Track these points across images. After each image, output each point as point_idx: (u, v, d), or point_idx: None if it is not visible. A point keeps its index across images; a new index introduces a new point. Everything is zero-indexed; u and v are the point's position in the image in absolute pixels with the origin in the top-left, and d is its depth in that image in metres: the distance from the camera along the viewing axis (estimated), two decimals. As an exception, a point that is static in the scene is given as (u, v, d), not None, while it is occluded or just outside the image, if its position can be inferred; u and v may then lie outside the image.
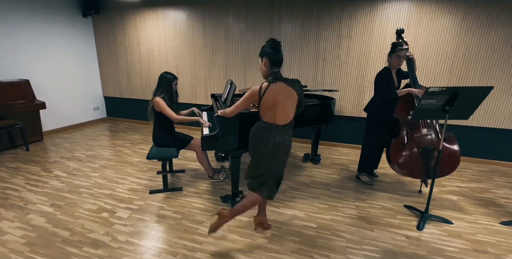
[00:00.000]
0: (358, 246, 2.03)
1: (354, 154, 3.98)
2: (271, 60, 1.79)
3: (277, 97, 1.77)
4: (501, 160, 3.67)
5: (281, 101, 1.78)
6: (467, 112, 2.16)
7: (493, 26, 3.28)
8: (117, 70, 5.29)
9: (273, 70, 1.81)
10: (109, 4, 4.90)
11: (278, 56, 1.80)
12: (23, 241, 2.01)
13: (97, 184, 2.92)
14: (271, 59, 1.79)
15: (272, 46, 1.80)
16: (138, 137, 4.61)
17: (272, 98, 1.77)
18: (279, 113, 1.80)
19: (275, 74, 1.81)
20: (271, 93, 1.77)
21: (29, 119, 4.04)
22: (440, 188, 2.97)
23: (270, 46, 1.80)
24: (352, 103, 4.04)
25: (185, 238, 2.07)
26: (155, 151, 2.66)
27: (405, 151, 2.59)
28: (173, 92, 2.68)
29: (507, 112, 3.48)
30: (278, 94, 1.77)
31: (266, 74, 1.84)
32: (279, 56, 1.81)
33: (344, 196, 2.75)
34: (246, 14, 4.16)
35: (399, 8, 3.53)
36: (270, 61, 1.79)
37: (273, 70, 1.81)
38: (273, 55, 1.79)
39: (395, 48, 2.57)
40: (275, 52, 1.79)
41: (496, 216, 2.46)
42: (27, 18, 4.11)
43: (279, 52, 1.81)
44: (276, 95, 1.77)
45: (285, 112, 1.82)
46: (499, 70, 3.38)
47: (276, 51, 1.79)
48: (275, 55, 1.79)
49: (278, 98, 1.77)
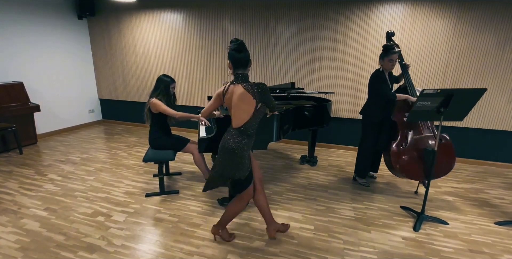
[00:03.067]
0: (355, 247, 2.03)
1: (350, 155, 4.00)
2: (232, 61, 1.76)
3: (233, 99, 1.76)
4: (495, 161, 3.72)
5: (235, 104, 1.75)
6: (461, 114, 2.19)
7: (486, 29, 3.34)
8: (112, 72, 5.26)
9: (236, 72, 1.78)
10: (104, 6, 4.88)
11: (237, 56, 1.73)
12: (16, 246, 1.97)
13: (93, 187, 2.89)
14: (232, 60, 1.76)
15: (233, 47, 1.74)
16: (134, 139, 4.58)
17: (230, 99, 1.78)
18: (232, 115, 1.80)
19: (237, 75, 1.77)
20: (229, 94, 1.77)
21: (22, 122, 3.99)
22: (435, 189, 3.00)
23: (232, 47, 1.75)
24: (348, 105, 4.07)
25: (182, 242, 2.05)
26: (151, 154, 2.65)
27: (405, 154, 2.59)
28: (171, 95, 2.67)
29: (500, 113, 3.54)
30: (233, 95, 1.75)
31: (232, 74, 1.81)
32: (239, 57, 1.73)
33: (341, 198, 2.76)
34: (243, 17, 4.18)
35: (394, 11, 3.57)
36: (232, 62, 1.76)
37: (236, 71, 1.77)
38: (233, 57, 1.74)
39: (388, 51, 2.56)
40: (236, 54, 1.74)
41: (491, 216, 2.49)
42: (21, 19, 4.07)
43: (239, 52, 1.74)
44: (231, 97, 1.76)
45: (238, 115, 1.77)
46: (492, 72, 3.44)
47: (236, 52, 1.73)
48: (234, 56, 1.74)
49: (233, 100, 1.76)
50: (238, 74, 1.77)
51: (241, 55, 1.74)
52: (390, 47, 2.57)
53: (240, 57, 1.74)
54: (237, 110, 1.76)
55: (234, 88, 1.76)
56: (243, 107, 1.75)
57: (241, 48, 1.74)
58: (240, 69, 1.77)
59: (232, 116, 1.82)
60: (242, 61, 1.75)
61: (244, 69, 1.78)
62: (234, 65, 1.77)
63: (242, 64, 1.76)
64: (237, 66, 1.76)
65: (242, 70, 1.77)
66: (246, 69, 1.79)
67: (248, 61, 1.77)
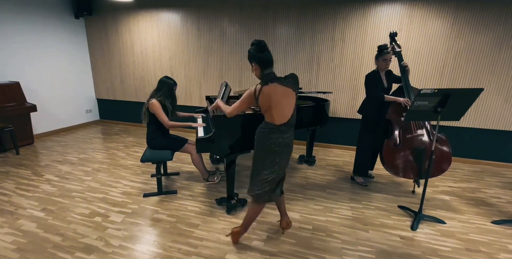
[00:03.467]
0: (353, 247, 2.04)
1: (348, 155, 4.01)
2: (259, 63, 1.77)
3: (272, 98, 1.76)
4: (491, 160, 3.75)
5: (277, 102, 1.77)
6: (458, 114, 2.20)
7: (482, 29, 3.36)
8: (110, 72, 5.24)
9: (265, 72, 1.78)
10: (101, 5, 4.85)
11: (264, 56, 1.76)
12: (13, 247, 1.96)
13: (90, 187, 2.87)
14: (258, 62, 1.77)
15: (257, 49, 1.76)
16: (132, 139, 4.57)
17: (267, 99, 1.76)
18: (275, 113, 1.79)
19: (267, 75, 1.78)
20: (264, 96, 1.75)
21: (19, 122, 3.96)
22: (432, 188, 3.01)
23: (255, 49, 1.76)
24: (346, 105, 4.08)
25: (180, 242, 2.05)
26: (149, 154, 2.64)
27: (397, 152, 2.63)
28: (175, 97, 2.70)
29: (496, 113, 3.56)
30: (273, 95, 1.75)
31: (260, 76, 1.83)
32: (265, 56, 1.76)
33: (339, 198, 2.76)
34: (241, 17, 4.17)
35: (391, 11, 3.59)
36: (258, 64, 1.77)
37: (265, 72, 1.78)
38: (259, 58, 1.76)
39: (381, 51, 2.64)
40: (260, 54, 1.75)
41: (487, 215, 2.50)
42: (17, 19, 4.04)
43: (264, 52, 1.76)
44: (270, 97, 1.75)
45: (283, 111, 1.80)
46: (489, 72, 3.46)
47: (261, 53, 1.76)
48: (260, 57, 1.76)
49: (272, 99, 1.76)
50: (269, 74, 1.78)
51: (264, 54, 1.76)
52: (383, 47, 2.64)
53: (266, 57, 1.76)
54: (282, 107, 1.79)
55: (270, 88, 1.74)
56: (287, 103, 1.80)
57: (264, 48, 1.76)
58: (268, 68, 1.78)
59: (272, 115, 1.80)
60: (269, 60, 1.77)
61: (271, 68, 1.80)
62: (262, 65, 1.77)
63: (269, 62, 1.78)
64: (264, 65, 1.77)
65: (269, 69, 1.79)
66: (273, 67, 1.80)
67: (272, 59, 1.80)
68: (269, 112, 1.80)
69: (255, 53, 1.76)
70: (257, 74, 1.83)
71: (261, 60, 1.76)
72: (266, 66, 1.78)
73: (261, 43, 1.77)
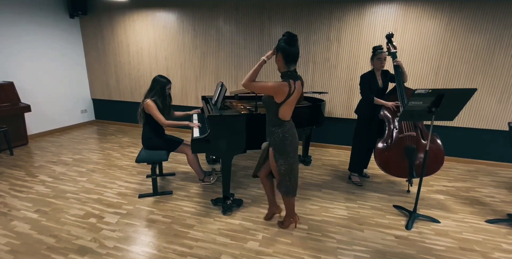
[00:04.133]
0: (349, 246, 2.04)
1: (344, 155, 4.02)
2: (284, 55, 1.76)
3: (297, 95, 1.84)
4: (485, 159, 3.78)
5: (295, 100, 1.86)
6: (452, 113, 2.22)
7: (476, 30, 3.39)
8: (105, 72, 5.20)
9: (291, 68, 1.80)
10: (97, 5, 4.82)
11: (291, 50, 1.74)
12: (6, 249, 1.94)
13: (85, 188, 2.85)
14: (284, 54, 1.76)
15: (287, 41, 1.73)
16: (127, 140, 4.54)
17: (295, 96, 1.83)
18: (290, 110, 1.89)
19: (294, 72, 1.82)
20: (297, 92, 1.83)
21: (13, 122, 3.92)
22: (427, 187, 3.03)
23: (285, 40, 1.74)
24: (341, 105, 4.09)
25: (175, 243, 2.04)
26: (144, 154, 2.62)
27: (390, 151, 2.66)
28: (166, 96, 2.65)
29: (489, 113, 3.59)
30: (298, 93, 1.84)
31: (282, 69, 1.84)
32: (293, 51, 1.74)
33: (334, 197, 2.77)
34: (237, 17, 4.17)
35: (387, 12, 3.60)
36: (283, 56, 1.76)
37: (290, 68, 1.80)
38: (287, 50, 1.75)
39: (375, 51, 2.69)
40: (289, 47, 1.73)
41: (481, 214, 2.53)
42: (11, 18, 4.00)
43: (293, 46, 1.74)
44: (296, 94, 1.83)
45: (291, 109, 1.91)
46: (482, 72, 3.49)
47: (290, 45, 1.73)
48: (288, 50, 1.75)
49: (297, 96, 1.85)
50: (294, 71, 1.82)
51: (292, 49, 1.73)
52: (377, 47, 2.69)
53: (293, 51, 1.74)
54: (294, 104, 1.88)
55: (298, 85, 1.82)
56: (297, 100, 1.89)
57: (295, 42, 1.72)
58: (293, 65, 1.79)
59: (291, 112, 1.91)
60: (295, 55, 1.75)
61: (295, 64, 1.80)
62: (286, 59, 1.75)
63: (294, 57, 1.76)
64: (289, 60, 1.76)
65: (294, 65, 1.79)
66: (296, 64, 1.81)
67: (298, 56, 1.78)
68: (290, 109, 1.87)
69: (284, 45, 1.73)
70: (280, 66, 1.82)
71: (287, 53, 1.75)
72: (290, 61, 1.78)
73: (293, 37, 1.74)
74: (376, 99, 2.71)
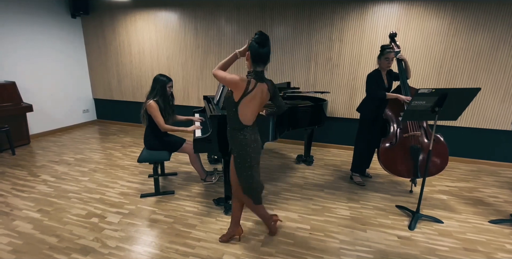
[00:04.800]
0: (351, 247, 2.03)
1: (346, 155, 4.01)
2: (252, 54, 1.67)
3: (258, 98, 1.73)
4: (488, 159, 3.76)
5: (256, 102, 1.74)
6: (455, 113, 2.20)
7: (479, 29, 3.37)
8: (107, 72, 5.21)
9: (257, 69, 1.70)
10: (98, 5, 4.82)
11: (259, 51, 1.65)
12: (9, 249, 1.94)
13: (87, 188, 2.85)
14: (252, 53, 1.67)
15: (257, 40, 1.66)
16: (129, 139, 4.54)
17: (255, 98, 1.71)
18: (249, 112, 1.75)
19: (260, 73, 1.71)
20: (256, 93, 1.70)
21: (15, 122, 3.92)
22: (430, 187, 3.02)
23: (255, 39, 1.67)
24: (344, 104, 4.08)
25: (177, 243, 2.03)
26: (146, 154, 2.62)
27: (394, 151, 2.65)
28: (168, 95, 2.62)
29: (493, 112, 3.57)
30: (261, 95, 1.73)
31: (249, 68, 1.76)
32: (261, 51, 1.65)
33: (337, 197, 2.76)
34: (239, 16, 4.16)
35: (389, 11, 3.59)
36: (251, 55, 1.68)
37: (257, 68, 1.70)
38: (255, 50, 1.66)
39: (383, 50, 2.65)
40: (257, 47, 1.65)
41: (485, 215, 2.51)
42: (13, 18, 4.01)
43: (262, 47, 1.65)
44: (258, 96, 1.72)
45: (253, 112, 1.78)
46: (485, 72, 3.47)
47: (259, 46, 1.65)
48: (256, 50, 1.65)
49: (256, 98, 1.72)
50: (262, 72, 1.72)
51: (265, 49, 1.66)
52: (386, 46, 2.65)
53: (263, 52, 1.66)
54: (255, 108, 1.75)
55: (262, 86, 1.72)
56: (259, 105, 1.77)
57: (266, 42, 1.66)
58: (261, 66, 1.70)
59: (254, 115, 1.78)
60: (264, 57, 1.67)
61: (263, 66, 1.71)
62: (255, 60, 1.68)
63: (263, 60, 1.68)
64: (257, 61, 1.68)
65: (262, 67, 1.71)
66: (265, 66, 1.72)
67: (269, 59, 1.70)
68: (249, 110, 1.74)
69: (254, 44, 1.66)
70: (248, 64, 1.74)
71: (255, 53, 1.66)
72: (257, 61, 1.68)
73: (263, 36, 1.66)
74: (388, 93, 2.64)
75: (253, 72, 1.72)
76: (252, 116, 1.78)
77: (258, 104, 1.76)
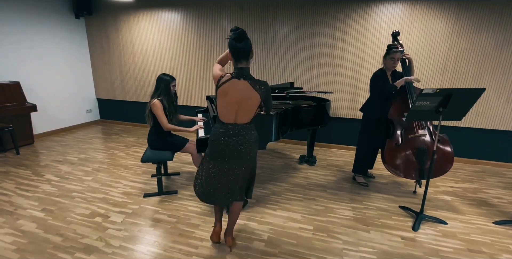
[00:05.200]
0: (355, 247, 2.03)
1: (349, 155, 4.00)
2: (232, 52, 1.63)
3: (234, 95, 1.65)
4: (492, 160, 3.73)
5: (239, 101, 1.66)
6: (460, 114, 2.19)
7: (484, 29, 3.34)
8: (110, 72, 5.23)
9: (238, 65, 1.65)
10: (102, 5, 4.85)
11: (238, 46, 1.59)
12: (13, 248, 1.95)
13: (90, 188, 2.87)
14: (231, 51, 1.63)
15: (233, 36, 1.60)
16: (132, 139, 4.56)
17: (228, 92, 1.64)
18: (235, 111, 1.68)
19: (240, 70, 1.64)
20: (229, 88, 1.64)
21: (19, 122, 3.95)
22: (434, 188, 3.00)
23: (232, 36, 1.61)
24: (347, 105, 4.07)
25: (180, 242, 2.04)
26: (149, 154, 2.63)
27: (399, 152, 2.62)
28: (172, 94, 2.62)
29: (498, 113, 3.55)
30: (236, 91, 1.64)
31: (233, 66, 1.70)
32: (239, 46, 1.59)
33: (340, 198, 2.76)
34: (241, 16, 4.16)
35: (393, 11, 3.57)
36: (232, 53, 1.63)
37: (238, 65, 1.64)
38: (232, 46, 1.60)
39: (390, 50, 2.61)
40: (234, 42, 1.59)
41: (489, 216, 2.49)
42: (18, 19, 4.03)
43: (239, 41, 1.59)
44: (232, 92, 1.64)
45: (242, 113, 1.69)
46: (490, 72, 3.45)
47: (236, 41, 1.59)
48: (234, 46, 1.60)
49: (235, 96, 1.65)
50: (242, 69, 1.64)
51: (241, 44, 1.59)
52: (392, 46, 2.60)
53: (241, 47, 1.59)
54: (243, 107, 1.67)
55: (238, 83, 1.63)
56: (249, 105, 1.67)
57: (242, 37, 1.59)
58: (243, 62, 1.64)
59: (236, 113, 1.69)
60: (243, 52, 1.60)
61: (246, 61, 1.65)
62: (235, 57, 1.63)
63: (243, 55, 1.62)
64: (238, 57, 1.62)
65: (244, 62, 1.64)
66: (248, 61, 1.65)
67: (249, 52, 1.62)
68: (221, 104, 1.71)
69: (230, 40, 1.61)
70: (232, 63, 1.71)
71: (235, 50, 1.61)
72: (239, 58, 1.63)
73: (239, 32, 1.59)
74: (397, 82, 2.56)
75: (236, 69, 1.67)
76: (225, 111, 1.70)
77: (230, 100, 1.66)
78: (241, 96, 1.66)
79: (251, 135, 1.77)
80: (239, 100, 1.66)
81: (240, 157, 1.75)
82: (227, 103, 1.69)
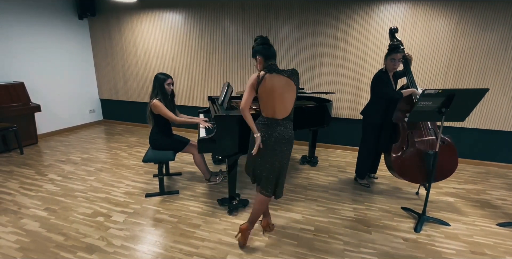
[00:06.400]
0: (356, 249, 2.02)
1: (351, 156, 3.98)
2: (264, 56, 1.78)
3: (275, 89, 1.76)
4: (496, 161, 3.70)
5: (279, 94, 1.77)
6: (463, 114, 2.17)
7: (487, 28, 3.32)
8: (113, 73, 5.26)
9: (268, 62, 1.78)
10: (105, 6, 4.88)
11: (270, 50, 1.80)
12: (16, 246, 1.97)
13: (93, 187, 2.88)
14: (264, 55, 1.78)
15: (262, 42, 1.80)
16: (135, 139, 4.58)
17: (270, 89, 1.76)
18: (278, 106, 1.79)
19: (271, 66, 1.78)
20: (268, 84, 1.75)
21: (23, 122, 3.99)
22: (436, 189, 2.98)
23: (260, 42, 1.81)
24: (349, 105, 4.06)
25: (181, 242, 2.04)
26: (151, 154, 2.64)
27: (406, 156, 2.53)
28: (167, 92, 2.61)
29: (501, 113, 3.51)
30: (274, 86, 1.76)
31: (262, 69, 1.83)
32: (272, 51, 1.80)
33: (341, 199, 2.74)
34: (243, 17, 4.17)
35: (395, 10, 3.56)
36: (264, 57, 1.79)
37: (268, 62, 1.79)
38: (266, 51, 1.78)
39: (391, 50, 2.54)
40: (266, 47, 1.79)
41: (492, 217, 2.47)
42: (22, 19, 4.08)
43: (271, 46, 1.80)
44: (273, 87, 1.75)
45: (284, 105, 1.81)
46: (494, 72, 3.42)
47: (268, 46, 1.79)
48: (267, 50, 1.78)
49: (276, 90, 1.76)
50: (273, 65, 1.78)
51: (271, 49, 1.80)
52: (394, 46, 2.54)
53: (273, 51, 1.80)
54: (283, 99, 1.78)
55: (273, 78, 1.76)
56: (289, 96, 1.80)
57: (269, 43, 1.82)
58: (272, 60, 1.80)
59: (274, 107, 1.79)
60: (273, 53, 1.81)
61: (274, 60, 1.81)
62: (266, 57, 1.78)
63: (273, 55, 1.81)
64: (268, 57, 1.79)
65: (273, 61, 1.80)
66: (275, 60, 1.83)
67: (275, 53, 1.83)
68: (270, 104, 1.79)
69: (261, 48, 1.79)
70: (260, 68, 1.83)
71: (267, 54, 1.78)
72: (270, 58, 1.80)
73: (266, 38, 1.82)
74: (403, 91, 2.51)
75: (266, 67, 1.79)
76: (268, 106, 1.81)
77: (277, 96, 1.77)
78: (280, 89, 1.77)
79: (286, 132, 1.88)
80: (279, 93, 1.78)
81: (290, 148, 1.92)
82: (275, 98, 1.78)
